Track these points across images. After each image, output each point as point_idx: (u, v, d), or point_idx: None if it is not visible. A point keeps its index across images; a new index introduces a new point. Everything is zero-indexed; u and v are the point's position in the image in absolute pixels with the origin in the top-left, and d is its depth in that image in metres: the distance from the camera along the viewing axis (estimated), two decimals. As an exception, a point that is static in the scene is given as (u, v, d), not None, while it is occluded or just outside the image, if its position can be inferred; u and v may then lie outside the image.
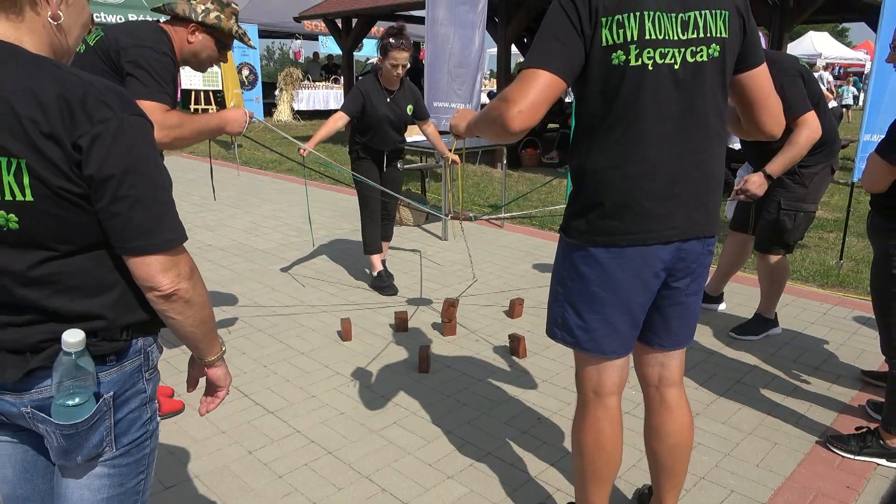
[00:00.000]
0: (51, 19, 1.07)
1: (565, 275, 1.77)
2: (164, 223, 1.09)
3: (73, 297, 1.09)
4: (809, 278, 4.65)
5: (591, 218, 1.66)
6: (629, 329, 1.75)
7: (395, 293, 4.29)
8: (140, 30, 2.35)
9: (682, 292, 1.77)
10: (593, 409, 1.82)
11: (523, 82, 1.52)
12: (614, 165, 1.60)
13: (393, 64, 3.98)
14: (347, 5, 11.88)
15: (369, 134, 4.16)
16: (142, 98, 2.20)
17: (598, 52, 1.53)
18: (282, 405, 2.86)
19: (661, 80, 1.54)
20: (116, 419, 1.17)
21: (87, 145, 1.00)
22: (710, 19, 1.56)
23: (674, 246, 1.67)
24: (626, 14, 1.50)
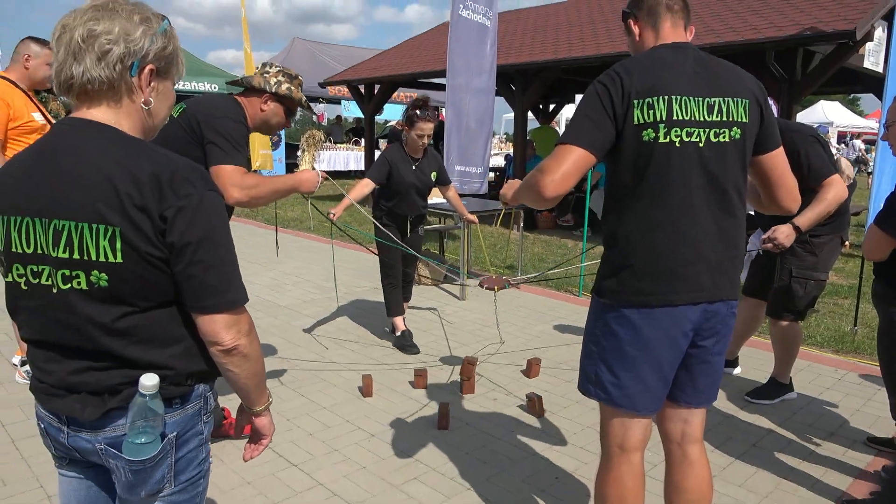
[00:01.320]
0: (143, 105, 1.25)
1: (598, 334, 1.89)
2: (230, 285, 1.23)
3: (147, 347, 1.22)
4: (824, 344, 4.69)
5: (622, 279, 1.80)
6: (660, 386, 1.85)
7: (417, 352, 4.38)
8: (217, 102, 2.63)
9: (708, 351, 1.88)
10: (617, 464, 1.89)
11: (557, 156, 1.73)
12: (644, 231, 1.76)
13: (419, 134, 4.21)
14: (372, 72, 12.39)
15: (395, 199, 4.33)
16: (222, 163, 2.46)
17: (630, 130, 1.72)
18: (305, 458, 2.93)
19: (687, 156, 1.72)
20: (177, 458, 1.28)
21: (171, 216, 1.16)
22: (732, 106, 1.76)
23: (701, 307, 1.79)
24: (655, 97, 1.70)
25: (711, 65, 1.81)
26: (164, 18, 1.27)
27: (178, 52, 1.30)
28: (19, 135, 3.44)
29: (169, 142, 2.51)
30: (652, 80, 1.72)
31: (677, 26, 1.89)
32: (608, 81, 1.75)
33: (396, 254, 4.41)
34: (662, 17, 1.88)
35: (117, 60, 1.18)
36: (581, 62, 9.03)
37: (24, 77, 3.53)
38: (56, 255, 1.17)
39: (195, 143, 2.52)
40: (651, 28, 1.90)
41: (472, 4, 7.04)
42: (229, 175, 2.47)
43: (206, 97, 2.68)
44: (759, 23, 7.57)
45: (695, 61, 1.80)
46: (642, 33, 1.92)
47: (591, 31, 10.03)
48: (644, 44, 1.92)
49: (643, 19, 1.92)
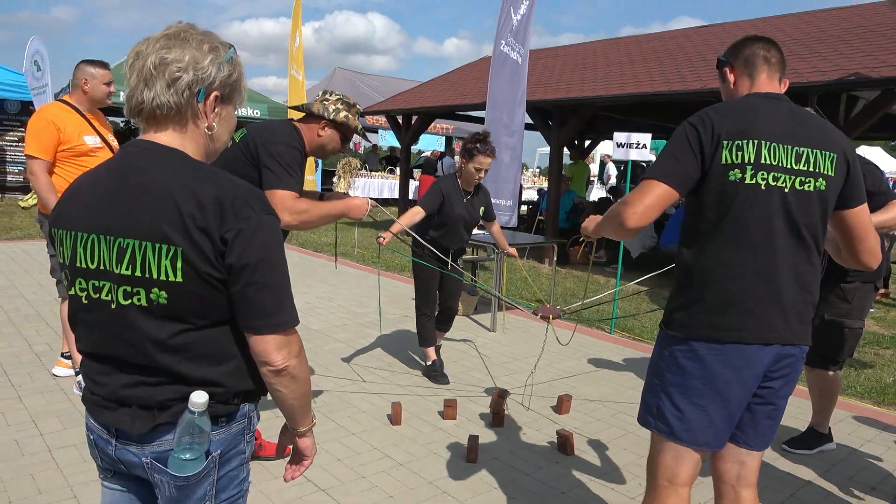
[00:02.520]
0: (207, 129, 1.30)
1: (663, 366, 1.90)
2: (283, 307, 1.26)
3: (199, 364, 1.24)
4: (865, 395, 4.55)
5: (693, 312, 1.83)
6: (725, 423, 1.86)
7: (447, 383, 4.36)
8: (275, 128, 2.74)
9: (774, 393, 1.90)
10: (665, 497, 1.91)
11: (642, 190, 1.81)
12: (722, 266, 1.80)
13: (477, 168, 4.22)
14: (411, 103, 12.59)
15: (442, 230, 4.32)
16: (275, 188, 2.58)
17: (717, 168, 1.79)
18: (333, 483, 2.93)
19: (771, 199, 1.78)
20: (219, 475, 1.30)
21: (231, 239, 1.19)
22: (820, 158, 1.82)
23: (774, 349, 1.82)
24: (745, 140, 1.78)
25: (803, 117, 1.88)
26: (230, 47, 1.32)
27: (241, 79, 1.35)
28: (69, 157, 3.56)
29: (229, 164, 2.64)
30: (743, 124, 1.79)
31: (773, 78, 1.95)
32: (698, 123, 1.82)
33: (433, 286, 4.41)
34: (759, 69, 1.94)
35: (185, 87, 1.24)
36: (618, 100, 9.06)
37: (84, 100, 3.68)
38: (118, 271, 1.21)
39: (253, 165, 2.64)
40: (747, 77, 1.96)
41: (511, 41, 7.16)
42: (281, 199, 2.57)
43: (267, 123, 2.80)
44: (802, 67, 7.53)
45: (787, 112, 1.87)
46: (737, 81, 1.99)
47: (630, 69, 10.08)
48: (738, 91, 1.98)
49: (739, 68, 1.98)
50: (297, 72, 10.78)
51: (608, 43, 13.28)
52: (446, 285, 4.51)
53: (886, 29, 8.37)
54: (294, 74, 10.75)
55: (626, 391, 4.39)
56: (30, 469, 2.88)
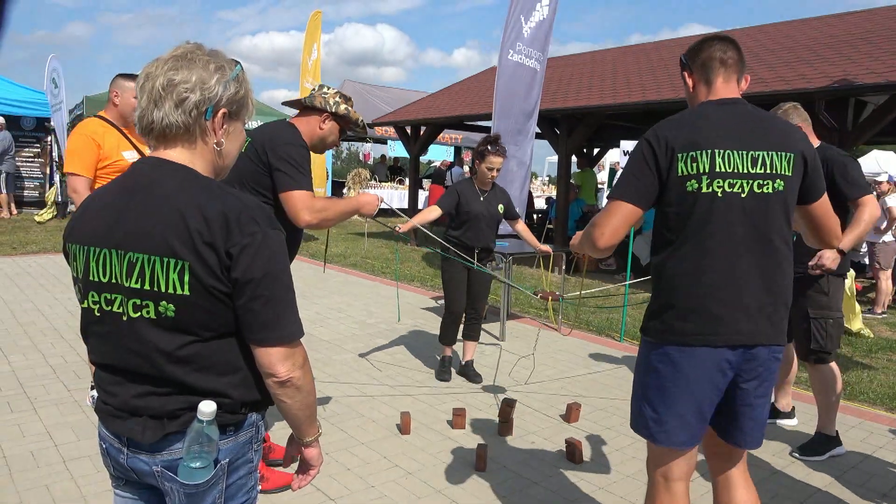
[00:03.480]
0: (215, 146, 1.34)
1: (643, 371, 2.01)
2: (288, 319, 1.29)
3: (207, 375, 1.28)
4: (877, 401, 4.52)
5: (665, 318, 1.92)
6: (698, 422, 1.94)
7: (448, 380, 4.57)
8: (278, 130, 2.77)
9: (750, 394, 1.95)
10: (663, 494, 2.00)
11: (608, 211, 1.93)
12: (686, 274, 1.88)
13: (489, 167, 4.43)
14: (419, 114, 12.67)
15: (463, 228, 4.50)
16: (291, 189, 2.61)
17: (674, 181, 1.87)
18: (342, 493, 2.95)
19: (729, 206, 1.84)
20: (228, 483, 1.33)
21: (237, 253, 1.23)
22: (776, 159, 1.88)
23: (740, 350, 1.88)
24: (698, 151, 1.85)
25: (758, 120, 1.92)
26: (236, 64, 1.36)
27: (248, 94, 1.39)
28: (109, 173, 3.47)
29: (242, 175, 2.68)
30: (695, 135, 1.86)
31: (730, 80, 1.99)
32: (652, 139, 1.90)
33: (461, 290, 4.56)
34: (715, 72, 1.99)
35: (193, 107, 1.28)
36: (626, 108, 9.09)
37: (116, 114, 3.58)
38: (129, 285, 1.25)
39: (264, 172, 2.67)
40: (704, 83, 2.02)
41: (523, 49, 7.19)
42: (300, 199, 2.61)
43: (267, 127, 2.84)
44: (809, 72, 7.52)
45: (741, 116, 1.91)
46: (695, 87, 2.05)
47: (636, 77, 10.11)
48: (697, 96, 2.04)
49: (696, 73, 2.04)
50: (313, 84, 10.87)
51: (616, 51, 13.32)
52: (472, 286, 4.61)
53: (894, 34, 8.34)
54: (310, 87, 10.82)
55: (635, 399, 4.38)
56: (45, 480, 2.93)
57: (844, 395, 4.61)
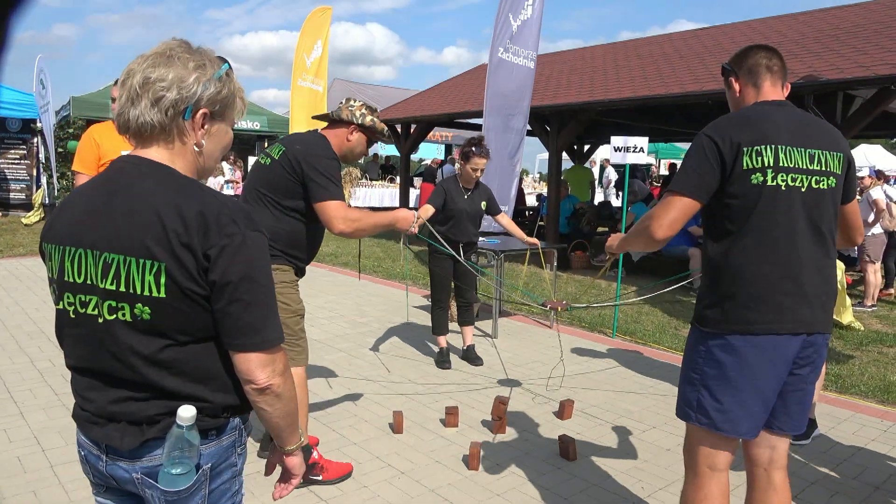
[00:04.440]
0: (195, 146, 1.30)
1: (701, 361, 2.01)
2: (268, 325, 1.25)
3: (185, 379, 1.24)
4: (869, 394, 4.53)
5: (726, 308, 1.94)
6: (761, 412, 1.98)
7: (448, 368, 4.80)
8: (312, 141, 2.85)
9: (803, 380, 2.02)
10: (707, 483, 2.02)
11: (666, 203, 1.96)
12: (751, 264, 1.92)
13: (473, 168, 4.72)
14: (410, 112, 12.63)
15: (448, 224, 4.73)
16: (326, 199, 2.70)
17: (739, 174, 1.91)
18: (334, 494, 2.92)
19: (791, 198, 1.92)
20: (210, 489, 1.30)
21: (215, 255, 1.19)
22: (829, 158, 1.98)
23: (801, 338, 1.94)
24: (763, 146, 1.91)
25: (809, 120, 2.03)
26: (223, 63, 1.32)
27: (235, 95, 1.34)
28: None
29: (272, 181, 2.78)
30: (759, 131, 1.92)
31: (776, 85, 2.08)
32: (715, 134, 1.94)
33: (447, 281, 4.86)
34: (763, 77, 2.07)
35: (170, 106, 1.23)
36: (617, 104, 9.08)
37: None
38: (104, 286, 1.21)
39: (296, 181, 2.75)
40: (752, 86, 2.09)
41: (512, 47, 7.17)
42: (335, 209, 2.70)
43: (301, 137, 2.92)
44: (798, 67, 7.54)
45: (796, 116, 2.01)
46: (742, 90, 2.11)
47: (627, 74, 10.10)
48: (745, 100, 2.11)
49: (744, 77, 2.11)
50: (316, 83, 10.58)
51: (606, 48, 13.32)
52: (460, 278, 4.90)
53: (882, 27, 8.37)
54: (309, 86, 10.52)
55: (628, 395, 4.38)
56: (32, 486, 2.88)
57: (836, 388, 4.63)
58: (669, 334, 6.07)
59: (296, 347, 2.94)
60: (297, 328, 2.97)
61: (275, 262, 2.83)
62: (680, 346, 5.59)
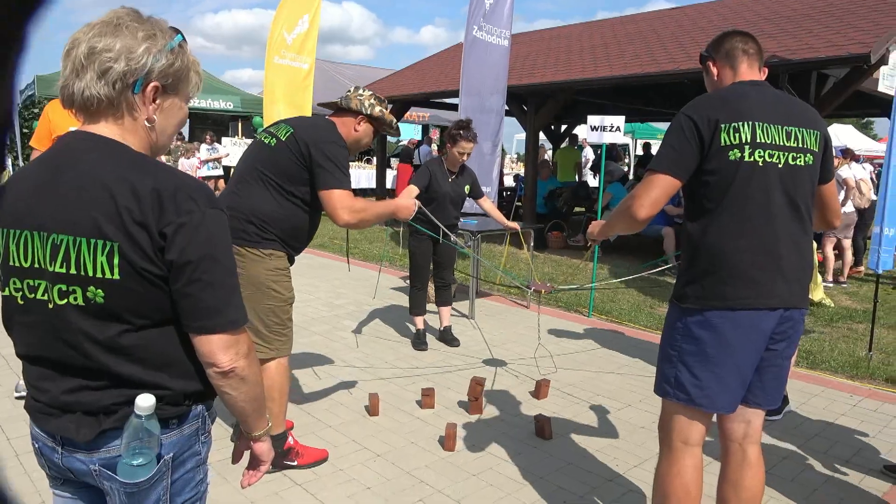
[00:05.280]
0: (146, 122, 1.24)
1: (679, 337, 2.03)
2: (229, 305, 1.21)
3: (143, 366, 1.20)
4: (839, 369, 4.61)
5: (706, 285, 1.96)
6: (738, 386, 2.00)
7: (425, 349, 4.79)
8: (322, 127, 2.78)
9: (779, 355, 2.05)
10: (681, 457, 2.05)
11: (647, 183, 1.97)
12: (728, 240, 1.94)
13: (460, 151, 4.68)
14: (386, 92, 12.46)
15: (430, 206, 4.62)
16: (333, 187, 2.64)
17: (717, 151, 1.93)
18: (309, 478, 2.90)
19: (768, 174, 1.93)
20: (173, 479, 1.26)
21: (171, 233, 1.14)
22: (806, 135, 2.00)
23: (778, 313, 1.96)
24: (740, 122, 1.92)
25: (787, 99, 2.06)
26: (176, 34, 1.26)
27: (189, 68, 1.28)
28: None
29: (277, 163, 2.71)
30: (736, 108, 1.94)
31: (753, 66, 2.11)
32: (693, 112, 1.96)
33: (426, 262, 4.85)
34: (740, 59, 2.10)
35: (118, 78, 1.17)
36: (594, 84, 9.05)
37: None
38: (53, 269, 1.15)
39: (303, 166, 2.68)
40: (730, 68, 2.12)
41: (486, 26, 7.09)
42: (340, 199, 2.64)
43: (312, 121, 2.84)
44: (772, 46, 7.56)
45: (772, 95, 2.03)
46: (720, 73, 2.14)
47: (603, 53, 10.07)
48: (722, 82, 2.13)
49: (721, 60, 2.14)
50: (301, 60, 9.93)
51: (583, 27, 13.25)
52: (439, 258, 4.91)
53: (854, 6, 8.42)
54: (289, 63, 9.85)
55: (604, 374, 4.40)
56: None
57: (807, 363, 4.70)
58: (645, 313, 6.11)
59: (282, 337, 2.89)
60: (286, 317, 2.92)
61: (271, 247, 2.77)
62: (656, 325, 5.63)
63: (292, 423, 3.32)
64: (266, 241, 2.74)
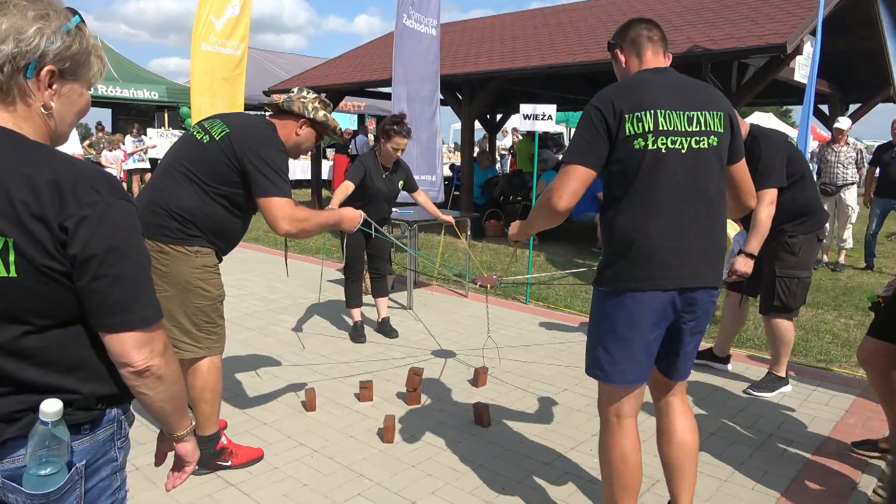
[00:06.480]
0: (42, 109, 1.15)
1: (597, 319, 2.16)
2: (141, 300, 1.14)
3: (48, 370, 1.12)
4: (762, 346, 4.81)
5: (618, 269, 2.07)
6: (647, 361, 2.13)
7: (364, 342, 4.74)
8: (259, 129, 2.63)
9: (686, 332, 2.17)
10: (616, 430, 2.17)
11: (563, 175, 2.04)
12: (636, 225, 2.03)
13: (394, 147, 4.61)
14: (319, 81, 12.23)
15: (362, 202, 4.54)
16: (273, 195, 2.51)
17: (622, 140, 2.01)
18: (243, 477, 2.82)
19: (671, 161, 2.01)
20: (87, 488, 1.18)
21: (73, 226, 1.07)
22: (709, 118, 2.08)
23: (685, 294, 2.07)
24: (643, 111, 2.00)
25: (689, 84, 2.13)
26: (74, 15, 1.17)
27: (90, 52, 1.20)
28: None
29: (209, 165, 2.56)
30: (639, 98, 2.01)
31: (657, 53, 2.20)
32: (600, 103, 2.03)
33: (359, 253, 4.82)
34: (644, 47, 2.19)
35: (6, 61, 1.08)
36: (527, 72, 9.13)
37: None
38: None
39: (234, 169, 2.55)
40: (635, 56, 2.21)
41: (415, 14, 7.04)
42: (280, 207, 2.52)
43: (248, 122, 2.68)
44: (696, 36, 7.79)
45: (675, 81, 2.11)
46: (628, 60, 2.23)
47: (535, 42, 10.16)
48: (629, 69, 2.22)
49: (628, 48, 2.22)
50: (232, 46, 9.37)
51: (514, 16, 13.33)
52: (371, 250, 4.88)
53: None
54: (218, 50, 9.27)
55: (541, 359, 4.46)
56: None
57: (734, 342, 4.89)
58: (580, 298, 6.23)
59: (212, 335, 2.78)
60: (216, 315, 2.80)
61: (197, 244, 2.63)
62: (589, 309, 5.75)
63: (226, 423, 3.23)
64: (191, 237, 2.62)
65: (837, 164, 7.75)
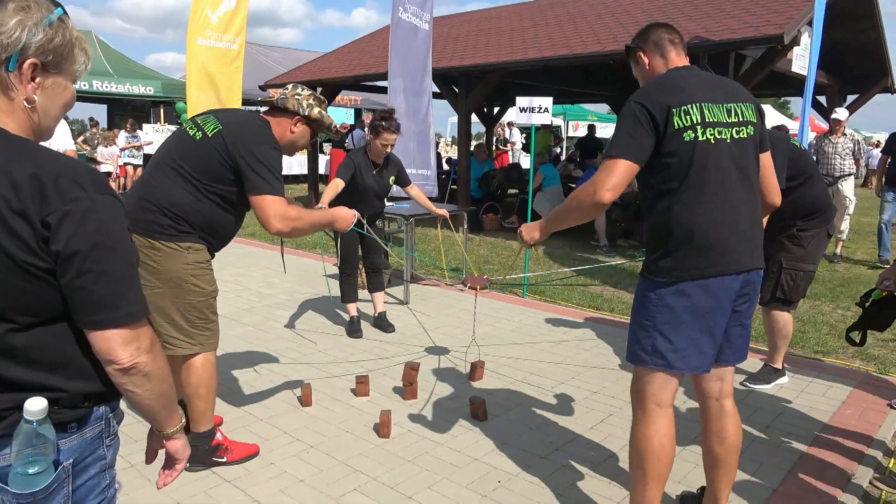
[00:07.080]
0: (25, 102, 1.14)
1: (653, 308, 2.15)
2: (127, 297, 1.13)
3: (33, 368, 1.11)
4: (759, 338, 4.80)
5: (677, 258, 2.10)
6: (711, 348, 2.16)
7: (360, 337, 4.73)
8: (254, 127, 2.61)
9: (744, 315, 2.24)
10: (656, 418, 2.19)
11: (608, 169, 2.06)
12: (694, 215, 2.07)
13: (383, 143, 4.56)
14: (315, 74, 12.19)
15: (353, 199, 4.51)
16: (266, 193, 2.49)
17: (672, 134, 2.05)
18: (239, 474, 2.81)
19: (720, 151, 2.09)
20: (75, 486, 1.17)
21: (55, 222, 1.05)
22: (744, 108, 2.17)
23: (742, 276, 2.14)
24: (689, 105, 2.06)
25: (717, 79, 2.23)
26: (56, 7, 1.16)
27: (73, 45, 1.18)
28: None
29: (202, 162, 2.54)
30: (682, 92, 2.08)
31: (680, 54, 2.29)
32: (644, 99, 2.07)
33: (354, 248, 4.80)
34: (668, 49, 2.28)
35: None
36: (524, 65, 9.09)
37: None
38: None
39: (228, 167, 2.53)
40: (659, 56, 2.29)
41: (411, 7, 7.01)
42: (273, 205, 2.50)
43: (242, 120, 2.66)
44: (693, 27, 7.77)
45: (706, 77, 2.21)
46: (652, 62, 2.30)
47: (532, 35, 10.12)
48: (654, 70, 2.29)
49: (651, 50, 2.30)
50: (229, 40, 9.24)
51: (511, 9, 13.28)
52: (366, 246, 4.85)
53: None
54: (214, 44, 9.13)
55: (538, 353, 4.46)
56: None
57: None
58: (577, 292, 6.22)
59: (206, 332, 2.76)
60: (209, 311, 2.77)
61: (188, 240, 2.61)
62: (588, 303, 5.75)
63: (221, 419, 3.22)
64: (183, 234, 2.60)
65: (835, 156, 7.72)
